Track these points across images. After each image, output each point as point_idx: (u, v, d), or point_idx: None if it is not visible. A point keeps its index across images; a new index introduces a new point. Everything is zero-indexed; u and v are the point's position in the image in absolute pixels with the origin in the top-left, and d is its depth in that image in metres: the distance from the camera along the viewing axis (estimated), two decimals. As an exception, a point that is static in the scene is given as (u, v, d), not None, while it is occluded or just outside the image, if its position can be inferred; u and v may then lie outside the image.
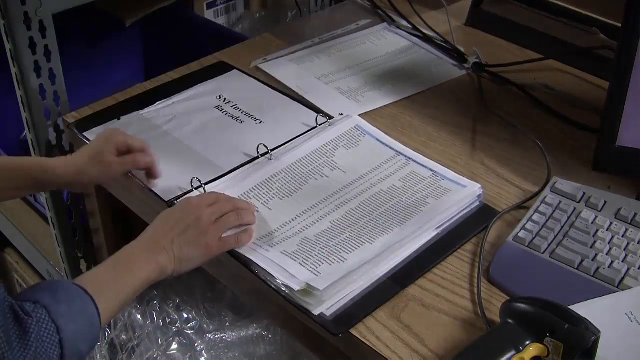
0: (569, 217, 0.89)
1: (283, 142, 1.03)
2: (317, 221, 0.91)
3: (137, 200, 1.03)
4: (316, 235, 0.88)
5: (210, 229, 0.84)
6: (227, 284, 0.95)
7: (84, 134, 1.06)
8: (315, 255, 0.85)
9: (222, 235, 0.86)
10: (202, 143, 1.05)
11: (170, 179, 0.97)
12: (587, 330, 0.69)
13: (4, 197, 0.99)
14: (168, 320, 1.16)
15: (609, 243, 0.86)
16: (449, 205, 0.92)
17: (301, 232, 0.89)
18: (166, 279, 0.84)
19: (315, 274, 0.82)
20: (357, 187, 0.96)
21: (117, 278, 0.79)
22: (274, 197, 0.95)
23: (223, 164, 1.00)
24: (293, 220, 0.91)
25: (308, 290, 0.80)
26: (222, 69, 1.22)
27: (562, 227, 0.88)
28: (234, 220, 0.87)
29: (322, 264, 0.84)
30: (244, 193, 0.95)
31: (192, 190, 0.94)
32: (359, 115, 1.10)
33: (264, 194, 0.95)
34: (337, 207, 0.93)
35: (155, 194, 0.95)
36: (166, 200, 0.94)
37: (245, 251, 0.86)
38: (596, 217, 0.89)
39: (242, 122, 1.09)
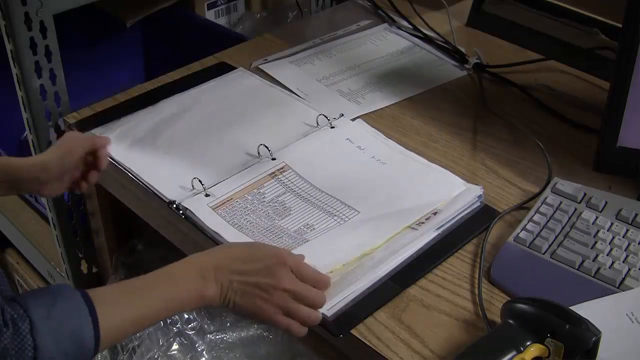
0: (569, 218, 0.89)
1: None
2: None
3: (137, 200, 1.03)
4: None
5: (277, 302, 0.75)
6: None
7: (84, 134, 1.06)
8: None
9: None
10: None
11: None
12: (587, 330, 0.69)
13: None
14: (169, 321, 1.16)
15: (609, 244, 0.86)
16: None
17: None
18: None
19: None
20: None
21: (145, 301, 0.72)
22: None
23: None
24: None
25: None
26: (223, 69, 1.22)
27: (563, 228, 0.88)
28: (302, 316, 0.77)
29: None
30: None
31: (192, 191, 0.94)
32: (360, 116, 1.10)
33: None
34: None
35: (156, 194, 0.95)
36: (167, 200, 0.94)
37: None
38: (597, 217, 0.89)
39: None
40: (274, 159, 1.00)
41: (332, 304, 0.80)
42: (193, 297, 0.74)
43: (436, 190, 0.95)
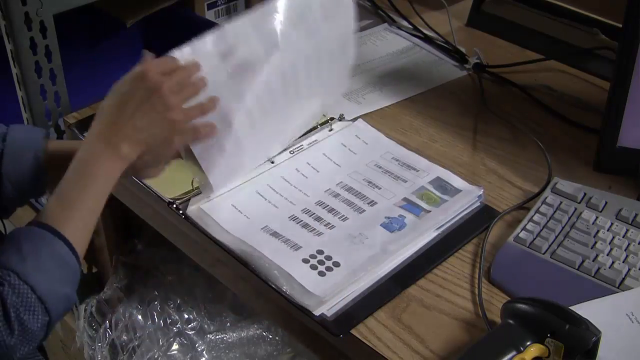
0: (569, 218, 0.89)
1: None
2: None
3: (137, 200, 1.03)
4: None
5: (172, 99, 0.75)
6: (228, 284, 0.95)
7: (84, 134, 1.06)
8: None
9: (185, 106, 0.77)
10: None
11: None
12: (587, 330, 0.69)
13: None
14: (169, 321, 1.16)
15: (609, 244, 0.86)
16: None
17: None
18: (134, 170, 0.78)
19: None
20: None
21: (83, 194, 0.73)
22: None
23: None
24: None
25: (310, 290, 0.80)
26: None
27: (563, 228, 0.88)
28: (194, 91, 0.79)
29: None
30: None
31: (192, 190, 0.94)
32: (360, 116, 1.10)
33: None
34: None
35: (156, 193, 0.95)
36: (167, 200, 0.94)
37: (252, 258, 0.86)
38: (597, 217, 0.89)
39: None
40: (273, 162, 1.00)
41: (332, 304, 0.80)
42: (121, 166, 0.75)
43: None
